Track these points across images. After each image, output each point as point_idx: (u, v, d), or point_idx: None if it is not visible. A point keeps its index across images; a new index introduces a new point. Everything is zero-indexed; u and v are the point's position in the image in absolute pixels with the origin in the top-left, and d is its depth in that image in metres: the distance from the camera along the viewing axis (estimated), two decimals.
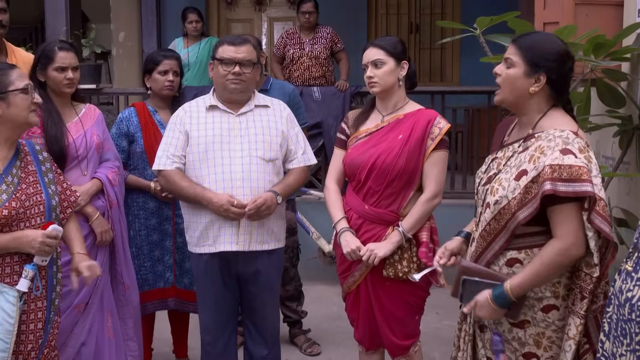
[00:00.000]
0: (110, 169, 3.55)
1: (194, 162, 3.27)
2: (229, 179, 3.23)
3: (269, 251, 3.35)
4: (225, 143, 3.26)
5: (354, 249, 3.09)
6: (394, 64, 3.11)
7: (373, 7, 8.89)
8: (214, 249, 3.27)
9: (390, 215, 3.11)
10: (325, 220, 5.91)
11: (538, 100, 2.41)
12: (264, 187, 3.26)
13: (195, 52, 6.79)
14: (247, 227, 3.24)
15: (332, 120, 6.15)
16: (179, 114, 3.37)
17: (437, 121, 3.11)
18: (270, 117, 3.39)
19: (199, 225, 3.29)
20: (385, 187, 3.09)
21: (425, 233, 3.11)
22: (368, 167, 3.09)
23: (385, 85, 3.11)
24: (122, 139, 3.88)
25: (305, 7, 6.49)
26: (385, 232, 3.10)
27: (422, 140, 3.08)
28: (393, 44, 3.14)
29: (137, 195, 3.89)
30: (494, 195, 2.39)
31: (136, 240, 3.89)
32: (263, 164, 3.27)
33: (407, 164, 3.06)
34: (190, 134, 3.28)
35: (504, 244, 2.38)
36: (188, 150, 3.29)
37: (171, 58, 3.95)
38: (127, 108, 4.07)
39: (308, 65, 6.48)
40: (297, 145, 3.43)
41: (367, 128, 3.20)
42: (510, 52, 2.42)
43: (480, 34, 3.59)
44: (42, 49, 3.47)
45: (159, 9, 8.10)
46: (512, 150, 2.46)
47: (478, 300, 2.38)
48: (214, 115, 3.32)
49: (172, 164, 3.29)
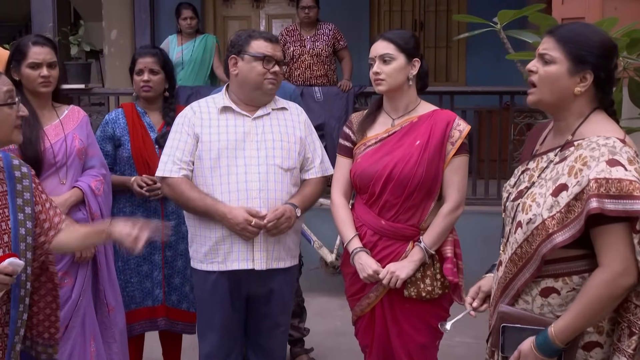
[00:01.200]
0: (93, 177, 3.24)
1: (204, 169, 2.96)
2: (244, 189, 2.93)
3: (285, 269, 3.06)
4: (240, 149, 2.96)
5: (371, 273, 2.80)
6: (405, 61, 2.83)
7: (375, 4, 8.68)
8: (225, 267, 2.97)
9: (410, 229, 2.83)
10: (327, 228, 5.70)
11: (581, 102, 2.08)
12: (281, 199, 2.97)
13: (189, 50, 6.48)
14: (263, 243, 2.95)
15: (335, 122, 5.90)
16: (186, 114, 3.04)
17: (457, 123, 2.84)
18: (288, 121, 3.10)
19: (207, 240, 2.98)
20: (404, 199, 2.80)
21: (449, 247, 2.84)
22: (384, 179, 2.80)
23: (393, 83, 2.83)
24: (106, 143, 3.59)
25: (305, 1, 6.20)
26: (404, 248, 2.83)
27: (441, 145, 2.80)
28: (405, 39, 2.86)
29: (123, 204, 3.60)
30: (527, 213, 2.06)
31: (122, 254, 3.59)
32: (281, 173, 2.99)
33: (428, 172, 2.78)
34: (201, 137, 2.97)
35: (537, 270, 2.05)
36: (197, 155, 2.98)
37: (146, 55, 3.64)
38: (115, 109, 3.79)
39: (309, 64, 6.18)
40: (315, 153, 3.15)
41: (377, 133, 2.91)
42: (548, 46, 2.08)
43: (501, 29, 3.28)
44: (16, 44, 3.17)
45: (152, 6, 7.91)
46: (547, 160, 2.13)
47: (522, 350, 2.06)
48: (228, 118, 3.01)
49: (179, 170, 2.97)
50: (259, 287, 3.03)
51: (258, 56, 2.96)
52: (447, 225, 2.81)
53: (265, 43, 2.99)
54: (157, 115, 3.65)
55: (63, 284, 3.06)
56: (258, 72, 2.97)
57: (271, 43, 3.00)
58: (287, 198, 3.00)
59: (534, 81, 2.11)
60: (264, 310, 3.10)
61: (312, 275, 4.69)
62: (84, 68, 6.21)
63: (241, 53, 2.98)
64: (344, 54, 6.33)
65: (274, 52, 2.99)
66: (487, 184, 5.80)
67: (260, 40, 2.99)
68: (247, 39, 3.00)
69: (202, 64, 6.54)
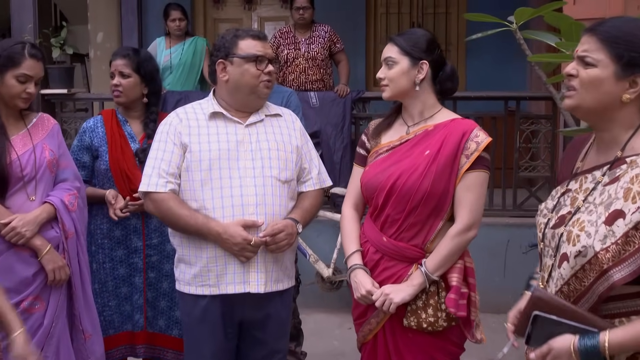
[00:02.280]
0: (67, 191, 2.94)
1: (194, 182, 2.67)
2: (239, 204, 2.64)
3: (282, 291, 2.78)
4: (233, 160, 2.68)
5: (364, 293, 2.55)
6: (408, 64, 2.57)
7: (372, 5, 8.42)
8: (217, 290, 2.68)
9: (414, 250, 2.54)
10: (323, 241, 5.46)
11: (630, 111, 1.79)
12: (280, 214, 2.70)
13: (178, 53, 6.18)
14: (261, 264, 2.67)
15: (331, 129, 5.62)
16: (171, 121, 2.75)
17: (475, 134, 2.53)
18: (283, 129, 2.84)
19: (197, 261, 2.68)
20: (406, 214, 2.52)
21: (456, 275, 2.52)
22: (386, 190, 2.54)
23: (395, 89, 2.59)
24: (83, 153, 3.30)
25: (299, 1, 5.91)
26: (407, 271, 2.54)
27: (453, 158, 2.50)
28: (412, 40, 2.60)
29: (100, 220, 3.31)
30: (574, 245, 1.76)
31: (99, 275, 3.31)
32: (279, 185, 2.72)
33: (434, 186, 2.49)
34: (189, 147, 2.68)
35: (590, 310, 1.76)
36: (185, 167, 2.68)
37: (117, 57, 3.35)
38: (94, 117, 3.46)
39: (304, 68, 5.88)
40: (311, 163, 2.89)
41: (390, 141, 2.66)
42: (589, 47, 1.79)
43: (517, 29, 3.01)
44: (8, 50, 2.81)
45: (140, 7, 7.58)
46: (593, 180, 1.84)
47: (554, 348, 1.76)
48: (218, 125, 2.73)
49: (165, 184, 2.67)
50: (255, 312, 2.74)
51: (249, 57, 2.69)
52: (454, 249, 2.50)
53: (254, 42, 2.72)
54: (139, 124, 3.36)
55: (34, 309, 2.82)
56: (252, 74, 2.70)
57: (260, 41, 2.75)
58: (285, 213, 2.73)
59: (574, 85, 1.82)
60: (259, 336, 2.81)
61: (307, 291, 4.45)
62: (66, 72, 5.91)
63: (229, 56, 2.71)
64: (341, 57, 6.05)
65: (265, 51, 2.74)
66: (492, 194, 5.51)
67: (248, 39, 2.73)
68: (234, 40, 2.73)
69: (192, 68, 6.25)
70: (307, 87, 5.89)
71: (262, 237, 2.61)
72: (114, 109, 3.43)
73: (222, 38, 2.77)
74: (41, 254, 2.79)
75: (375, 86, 8.32)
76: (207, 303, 2.68)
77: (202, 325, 2.71)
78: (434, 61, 2.59)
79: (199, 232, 2.63)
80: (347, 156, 5.62)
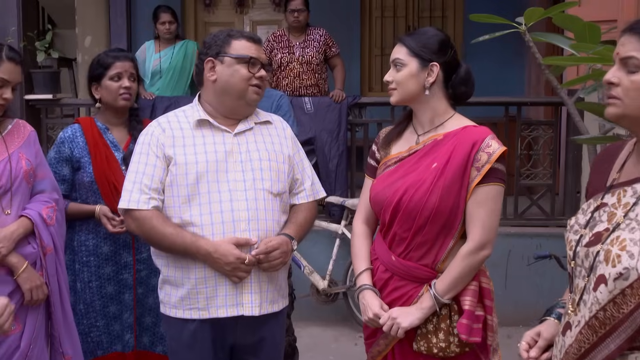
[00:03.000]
0: (44, 203, 2.73)
1: (179, 198, 2.46)
2: (230, 220, 2.44)
3: (277, 312, 2.59)
4: (222, 172, 2.48)
5: (371, 317, 2.37)
6: (417, 67, 2.37)
7: (367, 8, 8.30)
8: (207, 314, 2.47)
9: (424, 270, 2.35)
10: (318, 252, 5.27)
11: None
12: (273, 230, 2.51)
13: (168, 57, 5.95)
14: (255, 284, 2.48)
15: (327, 136, 5.42)
16: (153, 131, 2.55)
17: (486, 143, 2.31)
18: (274, 137, 2.64)
19: (184, 282, 2.48)
20: (414, 233, 2.33)
21: (469, 298, 2.32)
22: (392, 207, 2.35)
23: (403, 93, 2.39)
24: (62, 166, 3.08)
25: (294, 4, 5.71)
26: (418, 291, 2.36)
27: (463, 170, 2.29)
28: (422, 41, 2.39)
29: (85, 236, 3.11)
30: (614, 266, 1.57)
31: (85, 295, 3.10)
32: (271, 199, 2.52)
33: (442, 202, 2.29)
34: (174, 159, 2.47)
35: (628, 341, 1.58)
36: (168, 182, 2.48)
37: (124, 59, 3.16)
38: (70, 125, 3.20)
39: (299, 72, 5.69)
40: (304, 174, 2.69)
41: (399, 151, 2.46)
42: (631, 48, 1.61)
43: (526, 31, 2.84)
44: None
45: (129, 11, 7.35)
46: (634, 194, 1.65)
47: None
48: (204, 135, 2.53)
49: (147, 201, 2.47)
50: (248, 335, 2.54)
51: (242, 57, 2.50)
52: (466, 270, 2.30)
53: (249, 43, 2.54)
54: (121, 131, 3.16)
55: (10, 331, 2.57)
56: (242, 76, 2.50)
57: (255, 44, 2.56)
58: (278, 228, 2.54)
59: (615, 95, 1.64)
60: None
61: (302, 304, 4.27)
62: (51, 76, 5.70)
63: (220, 55, 2.51)
64: (336, 61, 5.86)
65: (259, 54, 2.55)
66: None
67: (243, 39, 2.54)
68: (227, 39, 2.54)
69: (182, 72, 6.03)
70: (302, 92, 5.70)
71: (256, 255, 2.42)
72: (92, 117, 3.22)
73: (214, 36, 2.58)
74: (17, 272, 2.58)
75: (370, 91, 8.19)
76: (196, 327, 2.48)
77: (191, 351, 2.51)
78: (447, 63, 2.39)
79: (186, 251, 2.43)
80: (342, 164, 5.44)
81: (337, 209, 5.27)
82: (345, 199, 5.04)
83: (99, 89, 3.14)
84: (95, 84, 3.15)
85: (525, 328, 2.03)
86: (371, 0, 8.29)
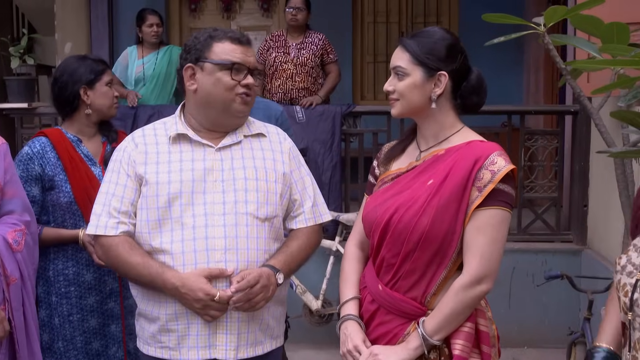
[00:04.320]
0: (12, 226, 2.44)
1: (149, 222, 2.17)
2: (203, 249, 2.14)
3: (263, 355, 2.27)
4: (198, 193, 2.17)
5: (350, 348, 2.09)
6: (422, 76, 2.05)
7: (359, 13, 8.09)
8: (179, 354, 2.18)
9: (411, 305, 2.05)
10: (311, 270, 4.97)
11: None
12: (256, 261, 2.19)
13: (152, 63, 5.63)
14: (230, 323, 2.17)
15: (320, 147, 5.14)
16: (125, 147, 2.27)
17: (491, 160, 1.99)
18: (267, 152, 2.32)
19: (156, 317, 2.20)
20: (402, 259, 2.04)
21: (461, 342, 2.00)
22: (381, 227, 2.07)
23: (406, 106, 2.09)
24: (32, 186, 2.77)
25: (293, 1, 5.47)
26: (404, 329, 2.06)
27: (462, 190, 1.99)
28: (428, 46, 2.06)
29: (63, 264, 2.80)
30: None
31: (64, 331, 2.80)
32: (256, 225, 2.20)
33: (435, 225, 1.99)
34: (145, 179, 2.18)
35: None
36: (140, 204, 2.19)
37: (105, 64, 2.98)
38: (37, 138, 2.88)
39: (292, 74, 5.42)
40: (304, 193, 2.36)
41: (399, 167, 2.18)
42: None
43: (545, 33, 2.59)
44: None
45: (111, 17, 7.18)
46: None
47: None
48: (182, 150, 2.23)
49: (116, 226, 2.18)
50: None
51: (224, 64, 2.18)
52: (459, 307, 1.99)
53: (233, 45, 2.21)
54: (95, 143, 2.88)
55: None
56: (225, 85, 2.19)
57: (241, 45, 2.23)
58: (263, 259, 2.22)
59: None
60: None
61: (294, 325, 4.03)
62: (26, 84, 5.39)
63: (200, 60, 2.20)
64: (331, 68, 5.60)
65: (245, 58, 2.22)
66: None
67: (226, 41, 2.21)
68: (208, 41, 2.21)
69: (167, 79, 5.71)
70: (294, 95, 5.42)
71: (232, 291, 2.10)
72: (59, 128, 2.92)
73: (195, 38, 2.26)
74: None
75: (362, 99, 7.93)
76: None
77: None
78: (456, 71, 2.07)
79: (153, 284, 2.14)
80: (336, 176, 5.16)
81: (330, 225, 4.97)
82: (339, 214, 4.78)
83: (90, 93, 2.86)
84: (84, 88, 2.86)
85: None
86: (363, 6, 8.11)
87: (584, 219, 4.93)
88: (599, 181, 4.70)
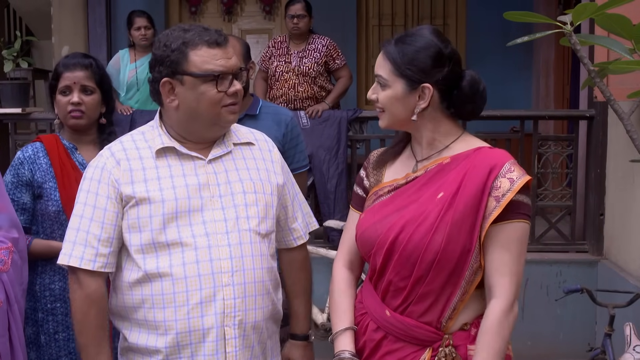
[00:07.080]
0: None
1: (143, 247, 1.96)
2: (208, 272, 1.95)
3: None
4: (196, 211, 1.98)
5: None
6: (404, 89, 1.88)
7: (363, 17, 7.92)
8: None
9: (426, 330, 1.89)
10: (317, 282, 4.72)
11: None
12: (262, 281, 2.03)
13: (145, 67, 5.44)
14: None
15: (324, 153, 4.97)
16: (104, 165, 2.03)
17: (507, 168, 1.85)
18: (259, 162, 2.14)
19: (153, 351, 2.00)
20: (414, 282, 1.88)
21: None
22: (386, 248, 1.90)
23: (391, 118, 1.93)
24: (22, 192, 2.60)
25: (294, 9, 5.28)
26: (418, 357, 1.90)
27: (478, 201, 1.83)
28: (409, 55, 1.88)
29: (50, 278, 2.62)
30: None
31: (50, 350, 2.61)
32: (259, 242, 2.04)
33: (451, 243, 1.83)
34: (135, 199, 1.96)
35: None
36: (127, 227, 1.98)
37: (75, 68, 2.65)
38: (31, 144, 2.72)
39: (294, 83, 5.26)
40: (294, 204, 2.26)
41: (394, 179, 2.01)
42: None
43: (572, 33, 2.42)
44: None
45: (108, 19, 7.06)
46: None
47: None
48: (171, 165, 2.01)
49: (93, 259, 1.98)
50: None
51: (207, 76, 1.94)
52: (507, 335, 1.85)
53: (211, 50, 1.95)
54: (91, 151, 2.66)
55: None
56: (211, 100, 1.95)
57: (220, 48, 1.97)
58: (267, 277, 2.05)
59: None
60: None
61: None
62: (20, 88, 5.21)
63: (177, 74, 1.95)
64: (341, 73, 5.42)
65: (227, 63, 1.97)
66: None
67: (202, 47, 1.95)
68: (182, 50, 1.94)
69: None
70: (297, 105, 5.25)
71: None
72: (57, 135, 2.74)
73: (165, 46, 1.97)
74: None
75: (367, 104, 7.78)
76: None
77: None
78: (444, 79, 1.89)
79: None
80: (342, 184, 4.99)
81: (336, 234, 4.82)
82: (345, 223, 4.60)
83: (55, 102, 2.69)
84: (53, 97, 2.69)
85: None
86: (368, 8, 7.96)
87: (600, 228, 4.75)
88: (616, 189, 4.53)
